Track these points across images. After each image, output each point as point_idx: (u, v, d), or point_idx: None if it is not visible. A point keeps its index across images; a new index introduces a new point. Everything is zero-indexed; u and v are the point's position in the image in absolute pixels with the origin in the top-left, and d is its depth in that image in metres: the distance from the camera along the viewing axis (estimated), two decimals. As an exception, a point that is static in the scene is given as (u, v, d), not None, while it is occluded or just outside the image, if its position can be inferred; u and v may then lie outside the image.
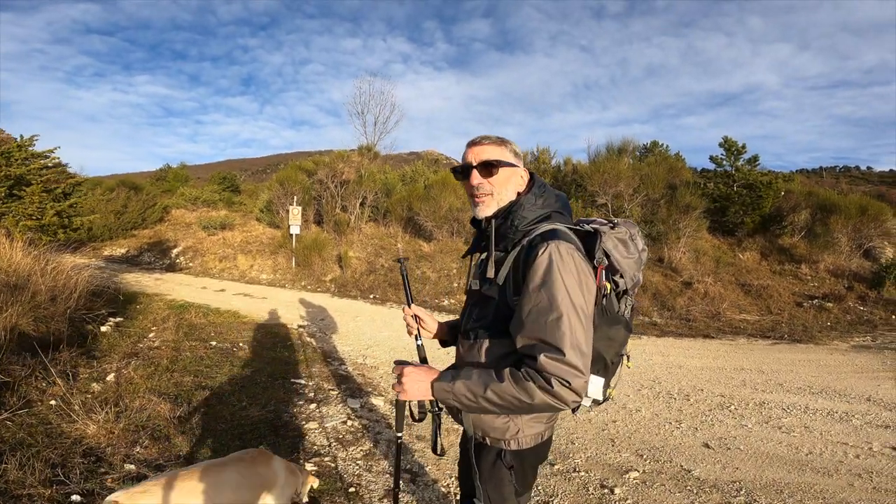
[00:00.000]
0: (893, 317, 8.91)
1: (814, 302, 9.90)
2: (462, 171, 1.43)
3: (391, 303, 9.87)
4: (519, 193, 1.41)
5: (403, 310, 1.61)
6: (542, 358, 1.15)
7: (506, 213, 1.36)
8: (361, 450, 3.33)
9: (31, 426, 3.06)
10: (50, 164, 8.01)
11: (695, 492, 2.90)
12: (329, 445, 3.37)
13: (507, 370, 1.22)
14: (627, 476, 3.08)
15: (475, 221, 1.49)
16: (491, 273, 1.33)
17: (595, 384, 1.32)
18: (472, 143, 1.43)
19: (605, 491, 2.92)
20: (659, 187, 12.53)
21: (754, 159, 13.72)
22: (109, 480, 2.63)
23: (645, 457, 3.37)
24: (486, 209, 1.39)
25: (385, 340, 6.70)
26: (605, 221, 1.44)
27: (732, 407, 4.41)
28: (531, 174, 1.46)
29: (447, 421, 4.11)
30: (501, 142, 1.42)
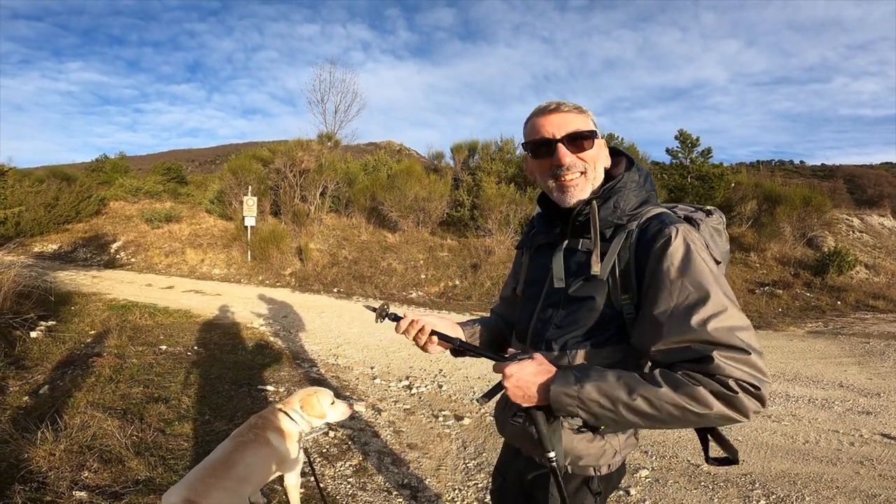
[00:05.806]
0: (839, 302, 9.46)
1: (765, 289, 10.37)
2: (537, 149, 1.14)
3: (357, 296, 9.44)
4: (607, 171, 1.18)
5: (399, 327, 1.23)
6: (717, 357, 0.88)
7: (606, 195, 1.11)
8: (350, 464, 2.99)
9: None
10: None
11: (711, 488, 2.79)
12: (313, 462, 3.00)
13: (657, 371, 0.94)
14: (638, 475, 2.93)
15: (544, 200, 1.23)
16: (597, 268, 1.07)
17: None
18: (545, 111, 1.13)
19: (620, 492, 2.75)
20: (621, 179, 12.75)
21: (707, 152, 14.24)
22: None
23: (650, 453, 3.24)
24: (580, 192, 1.12)
25: (356, 337, 6.31)
26: (693, 207, 1.23)
27: (719, 396, 4.40)
28: (613, 148, 1.22)
29: (415, 402, 3.71)
30: (581, 109, 1.15)
